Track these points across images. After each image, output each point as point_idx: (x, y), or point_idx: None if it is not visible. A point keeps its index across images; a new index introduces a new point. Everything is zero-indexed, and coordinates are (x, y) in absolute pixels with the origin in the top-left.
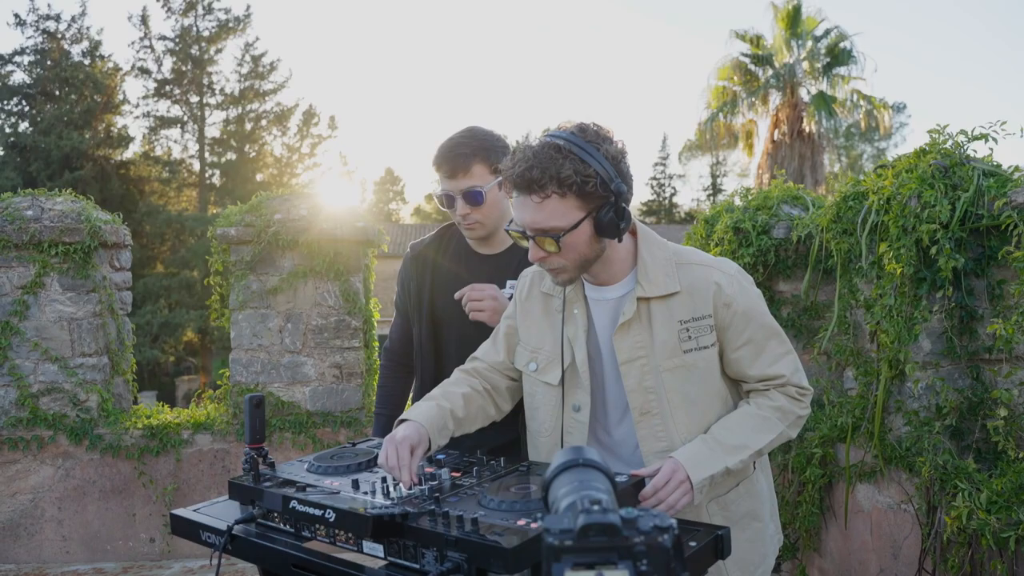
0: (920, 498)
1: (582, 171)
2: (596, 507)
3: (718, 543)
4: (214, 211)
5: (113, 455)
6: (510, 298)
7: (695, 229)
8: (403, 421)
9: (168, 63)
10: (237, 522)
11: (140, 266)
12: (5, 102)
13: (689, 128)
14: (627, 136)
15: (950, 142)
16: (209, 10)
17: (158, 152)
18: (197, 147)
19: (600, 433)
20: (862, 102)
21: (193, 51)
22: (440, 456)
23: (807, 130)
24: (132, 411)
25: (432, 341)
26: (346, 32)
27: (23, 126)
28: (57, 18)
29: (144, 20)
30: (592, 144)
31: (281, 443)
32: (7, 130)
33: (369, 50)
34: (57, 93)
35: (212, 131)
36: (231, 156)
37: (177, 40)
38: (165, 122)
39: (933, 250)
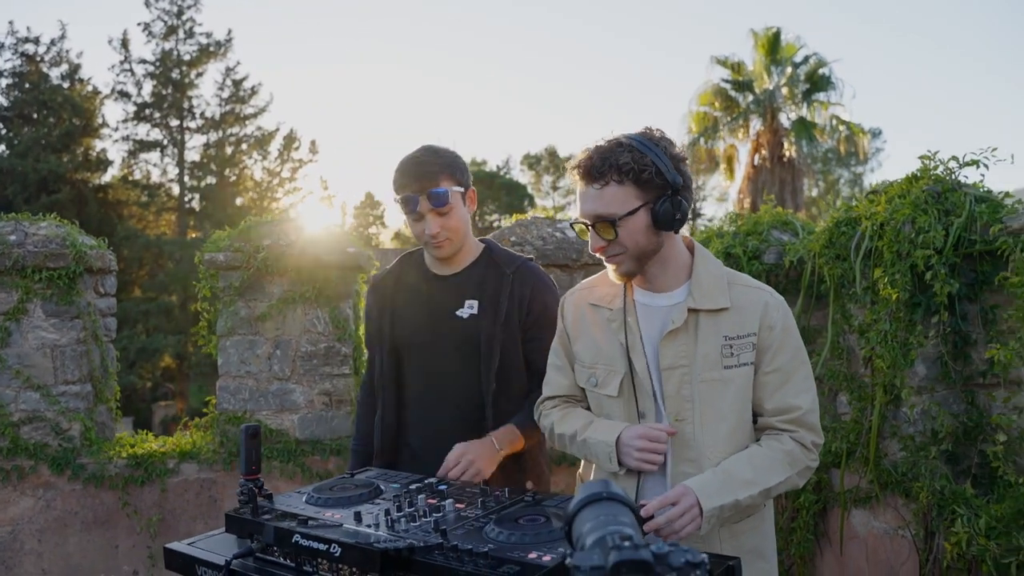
0: (917, 524)
1: (639, 160)
2: (627, 543)
3: (729, 574)
4: (193, 235)
5: (96, 485)
6: (468, 317)
7: None
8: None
9: (148, 87)
10: (235, 556)
11: (117, 291)
12: None
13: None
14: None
15: (941, 168)
16: (190, 34)
17: (137, 176)
18: (177, 171)
19: None
20: (841, 127)
21: (174, 75)
22: (442, 487)
23: (787, 155)
24: (115, 440)
25: (394, 370)
26: (327, 56)
27: (0, 148)
28: (36, 41)
29: (124, 44)
30: (652, 141)
31: (269, 472)
32: None
33: (350, 74)
34: (35, 116)
35: (192, 155)
36: (211, 180)
37: (157, 64)
38: (144, 146)
39: (928, 275)
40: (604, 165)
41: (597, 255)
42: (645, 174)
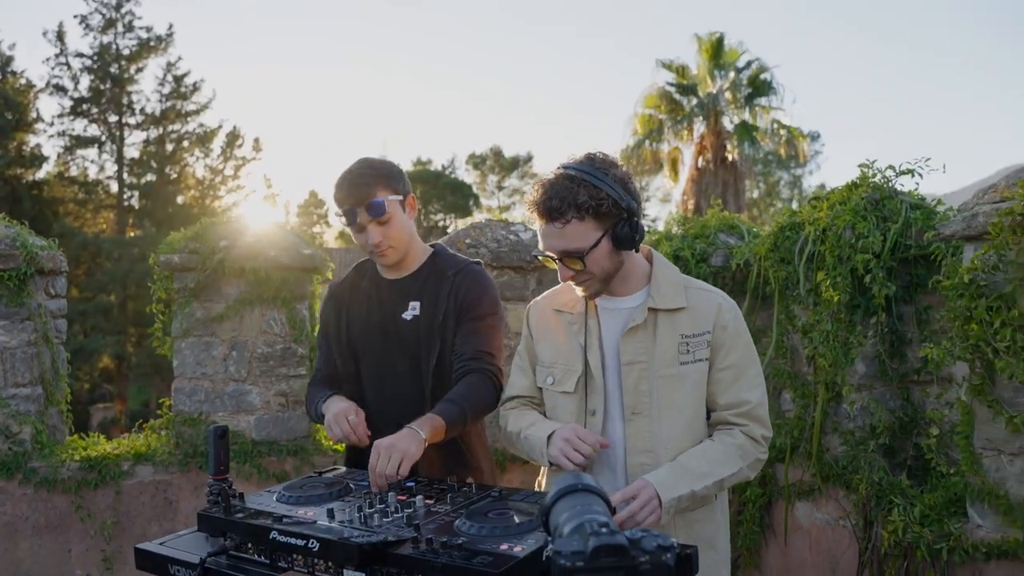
0: (857, 514)
1: (595, 195)
2: (604, 530)
3: (687, 562)
4: (132, 234)
5: (48, 489)
6: (411, 319)
7: None
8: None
9: (85, 81)
10: (210, 554)
11: None
12: None
13: (612, 154)
14: (550, 161)
15: (879, 176)
16: (129, 28)
17: (73, 172)
18: (115, 168)
19: (607, 435)
20: (782, 131)
21: (112, 69)
22: (410, 483)
23: (730, 158)
24: (67, 442)
25: (352, 366)
26: (271, 53)
27: None
28: None
29: (60, 36)
30: (601, 170)
31: None
32: None
33: (293, 71)
34: None
35: (131, 152)
36: (151, 177)
37: (95, 58)
38: (82, 142)
39: (867, 278)
40: (563, 205)
41: (566, 281)
42: (603, 207)
